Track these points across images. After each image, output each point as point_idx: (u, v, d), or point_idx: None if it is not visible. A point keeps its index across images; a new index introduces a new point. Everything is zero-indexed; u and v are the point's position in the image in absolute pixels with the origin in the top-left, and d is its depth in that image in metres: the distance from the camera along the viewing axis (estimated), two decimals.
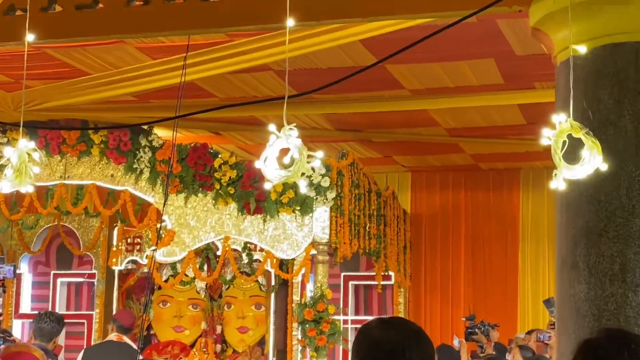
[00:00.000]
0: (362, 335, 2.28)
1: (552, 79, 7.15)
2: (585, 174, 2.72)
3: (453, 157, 10.58)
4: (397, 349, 2.16)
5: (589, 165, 2.65)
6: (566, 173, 2.69)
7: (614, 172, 3.44)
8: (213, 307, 9.72)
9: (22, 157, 3.19)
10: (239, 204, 8.03)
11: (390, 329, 2.24)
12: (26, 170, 3.18)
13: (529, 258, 10.77)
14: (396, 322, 2.31)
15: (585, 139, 2.71)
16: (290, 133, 2.76)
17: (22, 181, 3.22)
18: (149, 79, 7.14)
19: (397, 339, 2.20)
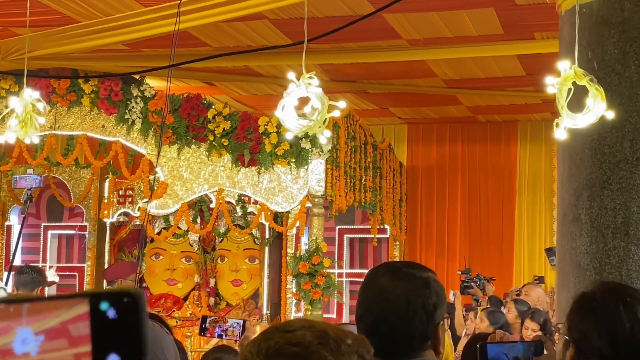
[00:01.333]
0: (369, 282, 2.11)
1: (553, 29, 7.03)
2: (587, 123, 2.61)
3: (450, 109, 10.44)
4: (402, 301, 2.03)
5: (592, 113, 2.52)
6: (568, 122, 2.57)
7: (618, 124, 3.33)
8: (206, 260, 9.66)
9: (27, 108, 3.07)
10: (233, 156, 7.92)
11: (398, 279, 2.09)
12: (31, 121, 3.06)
13: (526, 211, 10.71)
14: (406, 271, 2.13)
15: (589, 86, 2.59)
16: (310, 81, 2.62)
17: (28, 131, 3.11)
18: (141, 27, 6.95)
19: (404, 290, 2.04)
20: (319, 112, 2.61)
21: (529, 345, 2.16)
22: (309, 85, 2.62)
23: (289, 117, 2.61)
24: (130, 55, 8.08)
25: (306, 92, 2.61)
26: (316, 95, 2.63)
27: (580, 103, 2.62)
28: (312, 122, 2.61)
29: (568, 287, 3.58)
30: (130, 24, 6.96)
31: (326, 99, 2.64)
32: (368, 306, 2.06)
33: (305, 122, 2.62)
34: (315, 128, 2.63)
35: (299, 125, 2.62)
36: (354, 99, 9.85)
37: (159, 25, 6.79)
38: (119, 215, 9.65)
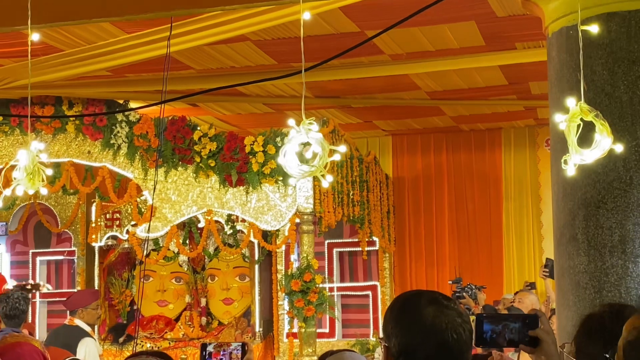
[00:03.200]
0: (412, 312, 2.08)
1: (534, 38, 7.12)
2: (595, 158, 2.65)
3: (434, 120, 10.50)
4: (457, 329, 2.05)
5: (599, 148, 2.58)
6: (577, 158, 2.61)
7: None
8: (196, 280, 9.67)
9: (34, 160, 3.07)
10: (221, 177, 7.92)
11: (445, 308, 2.08)
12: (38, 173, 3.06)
13: (513, 218, 10.77)
14: (446, 301, 2.13)
15: (596, 122, 2.64)
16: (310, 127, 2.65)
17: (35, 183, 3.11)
18: (124, 54, 6.94)
19: (454, 319, 2.06)
20: (320, 157, 2.64)
21: (523, 319, 2.17)
22: (309, 130, 2.65)
23: (291, 163, 2.64)
24: (114, 81, 8.07)
25: (307, 137, 2.64)
26: (317, 141, 2.66)
27: (586, 138, 2.67)
28: (314, 168, 2.64)
29: (568, 305, 3.63)
30: (114, 51, 6.95)
31: (327, 143, 2.67)
32: (422, 336, 2.03)
33: (307, 167, 2.65)
34: (317, 172, 2.67)
35: (301, 170, 2.65)
36: (338, 113, 9.89)
37: (142, 50, 6.78)
38: (107, 239, 9.64)
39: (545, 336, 2.15)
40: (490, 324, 2.19)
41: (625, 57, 3.59)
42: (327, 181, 2.78)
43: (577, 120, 2.65)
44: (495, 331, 2.18)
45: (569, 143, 2.69)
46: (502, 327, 2.19)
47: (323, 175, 2.71)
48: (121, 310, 9.82)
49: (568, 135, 2.66)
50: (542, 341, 2.15)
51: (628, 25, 3.59)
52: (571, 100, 2.71)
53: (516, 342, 2.20)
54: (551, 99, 3.82)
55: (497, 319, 2.22)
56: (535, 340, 2.16)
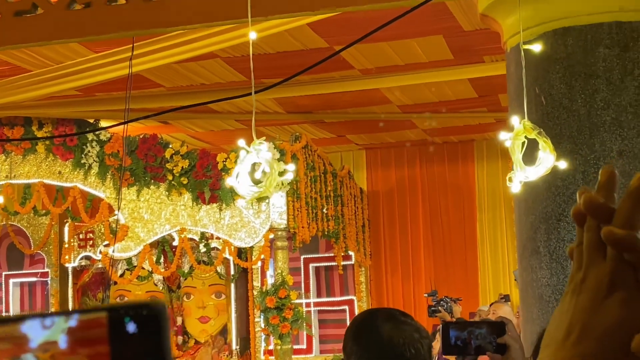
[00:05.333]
0: (369, 330, 2.13)
1: (501, 52, 7.12)
2: (539, 175, 2.66)
3: (406, 133, 10.54)
4: (410, 346, 2.06)
5: (543, 165, 2.59)
6: (521, 175, 2.62)
7: (569, 156, 3.39)
8: (172, 299, 9.59)
9: None
10: (193, 194, 7.90)
11: (401, 324, 2.12)
12: None
13: (487, 229, 10.81)
14: (404, 318, 2.17)
15: (539, 139, 2.65)
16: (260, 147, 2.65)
17: None
18: (93, 73, 6.93)
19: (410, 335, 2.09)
20: (268, 177, 2.63)
21: (489, 325, 2.16)
22: (259, 151, 2.65)
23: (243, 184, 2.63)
24: (83, 100, 8.04)
25: (257, 157, 2.64)
26: (266, 161, 2.65)
27: (532, 156, 2.68)
28: (262, 188, 2.64)
29: (532, 319, 3.63)
30: (82, 70, 6.94)
31: (276, 163, 2.67)
32: (375, 354, 2.06)
33: (256, 188, 2.65)
34: (266, 193, 2.66)
35: (251, 191, 2.65)
36: (310, 128, 9.89)
37: (111, 70, 6.77)
38: (80, 260, 9.55)
39: (513, 342, 2.15)
40: (456, 331, 2.19)
41: (582, 71, 3.61)
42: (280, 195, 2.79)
43: (521, 137, 2.66)
44: (461, 337, 2.18)
45: (514, 160, 2.71)
46: (467, 334, 2.19)
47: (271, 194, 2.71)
48: None
49: (513, 153, 2.67)
50: (510, 348, 2.15)
51: (584, 39, 3.62)
52: (515, 118, 2.72)
53: (483, 349, 2.20)
54: (511, 112, 3.84)
55: (462, 326, 2.22)
56: (502, 347, 2.16)
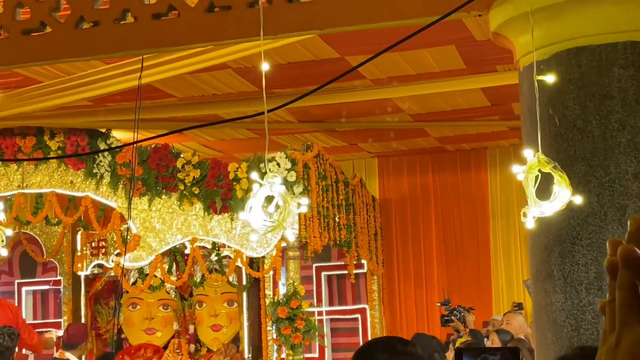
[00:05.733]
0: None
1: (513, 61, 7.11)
2: (554, 211, 2.61)
3: (419, 141, 10.49)
4: None
5: (558, 200, 2.54)
6: (536, 211, 2.58)
7: (583, 179, 3.34)
8: (184, 307, 9.57)
9: None
10: (205, 204, 7.88)
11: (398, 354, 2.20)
12: None
13: (500, 237, 10.74)
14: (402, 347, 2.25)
15: (554, 173, 2.60)
16: (274, 180, 2.62)
17: None
18: (104, 84, 6.93)
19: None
20: (281, 210, 2.61)
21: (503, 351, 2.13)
22: (273, 184, 2.62)
23: (256, 218, 2.60)
24: (95, 111, 8.04)
25: (270, 191, 2.61)
26: (279, 194, 2.62)
27: (547, 190, 2.63)
28: (275, 222, 2.61)
29: (546, 344, 3.58)
30: (94, 82, 6.94)
31: (289, 196, 2.64)
32: None
33: (270, 222, 2.62)
34: (279, 226, 2.63)
35: (264, 225, 2.62)
36: (322, 137, 9.87)
37: (122, 80, 6.77)
38: (93, 268, 9.55)
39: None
40: (470, 357, 2.16)
41: (597, 91, 3.56)
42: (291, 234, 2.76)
43: (535, 171, 2.62)
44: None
45: (528, 195, 2.66)
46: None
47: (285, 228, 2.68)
48: (108, 340, 9.72)
49: (526, 187, 2.63)
50: None
51: (598, 59, 3.57)
52: (529, 151, 2.67)
53: None
54: (524, 133, 3.80)
55: (476, 352, 2.19)
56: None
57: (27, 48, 4.16)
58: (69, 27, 4.08)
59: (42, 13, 4.13)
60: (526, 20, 3.43)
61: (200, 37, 4.01)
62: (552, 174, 2.62)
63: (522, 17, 3.55)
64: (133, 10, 4.09)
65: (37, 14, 4.14)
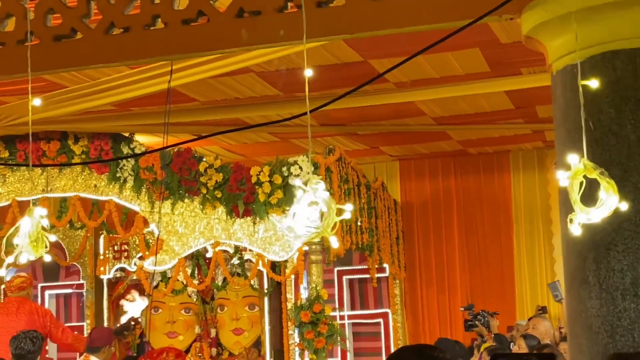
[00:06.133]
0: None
1: (539, 64, 7.06)
2: (601, 217, 2.58)
3: (441, 144, 10.46)
4: None
5: (605, 207, 2.51)
6: (582, 217, 2.55)
7: (619, 184, 3.30)
8: (206, 310, 9.59)
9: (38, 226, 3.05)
10: (227, 208, 7.88)
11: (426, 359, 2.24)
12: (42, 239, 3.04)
13: (524, 241, 10.68)
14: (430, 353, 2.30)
15: (600, 179, 2.57)
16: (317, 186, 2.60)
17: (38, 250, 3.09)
18: (128, 89, 6.95)
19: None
20: (326, 217, 2.59)
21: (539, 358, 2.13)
22: (316, 190, 2.61)
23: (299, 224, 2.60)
24: (119, 115, 8.07)
25: (314, 197, 2.60)
26: (323, 201, 2.61)
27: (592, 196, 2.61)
28: (320, 229, 2.60)
29: (581, 350, 3.55)
30: (118, 86, 6.96)
31: (334, 203, 2.62)
32: None
33: (314, 229, 2.61)
34: (324, 232, 2.62)
35: (309, 232, 2.61)
36: (344, 140, 9.85)
37: (146, 85, 6.79)
38: (115, 271, 9.59)
39: None
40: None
41: (632, 95, 3.53)
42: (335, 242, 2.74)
43: (580, 177, 2.59)
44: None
45: (573, 201, 2.63)
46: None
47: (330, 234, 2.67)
48: (131, 343, 9.75)
49: (571, 193, 2.59)
50: None
51: (633, 63, 3.53)
52: (574, 156, 2.64)
53: None
54: (557, 137, 3.76)
55: (511, 358, 2.19)
56: None
57: (57, 54, 4.17)
58: (100, 33, 4.09)
59: (72, 19, 4.14)
60: (560, 24, 3.40)
61: (229, 43, 4.00)
62: (598, 180, 2.59)
63: (556, 20, 3.52)
64: (163, 16, 4.09)
65: (68, 20, 4.15)
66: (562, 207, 3.62)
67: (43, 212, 3.18)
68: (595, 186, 2.66)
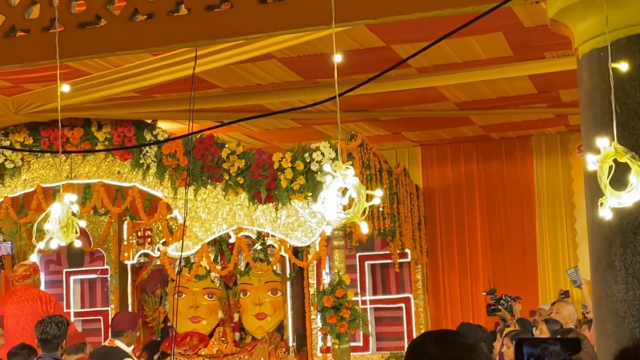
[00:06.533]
0: (418, 352, 2.27)
1: (563, 48, 7.01)
2: (633, 201, 2.57)
3: (463, 130, 10.41)
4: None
5: (637, 191, 2.49)
6: (613, 202, 2.53)
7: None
8: (229, 295, 9.65)
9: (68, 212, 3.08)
10: (250, 194, 7.90)
11: (448, 344, 2.23)
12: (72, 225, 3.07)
13: (547, 226, 10.63)
14: (452, 338, 2.30)
15: (632, 163, 2.55)
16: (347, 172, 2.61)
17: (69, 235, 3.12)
18: (151, 75, 6.98)
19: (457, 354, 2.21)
20: (356, 203, 2.60)
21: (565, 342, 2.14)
22: (346, 176, 2.61)
23: (330, 210, 2.60)
24: (142, 102, 8.10)
25: (343, 183, 2.60)
26: (353, 187, 2.62)
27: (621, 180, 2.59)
28: (350, 215, 2.61)
29: (607, 335, 3.55)
30: (141, 73, 6.99)
31: (363, 188, 2.63)
32: None
33: (344, 214, 2.62)
34: (354, 218, 2.63)
35: (339, 217, 2.62)
36: (365, 126, 9.84)
37: (171, 72, 6.82)
38: (139, 257, 9.67)
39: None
40: (530, 347, 2.18)
41: None
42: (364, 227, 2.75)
43: (609, 161, 2.57)
44: (534, 354, 2.17)
45: (603, 186, 2.61)
46: (541, 351, 2.17)
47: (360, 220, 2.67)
48: (155, 328, 9.84)
49: (601, 177, 2.58)
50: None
51: None
52: (604, 140, 2.63)
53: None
54: (583, 122, 3.74)
55: (536, 342, 2.20)
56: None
57: (82, 41, 4.20)
58: (124, 20, 4.11)
59: (97, 6, 4.16)
60: (587, 7, 3.37)
61: (253, 28, 4.01)
62: (629, 164, 2.58)
63: (583, 3, 3.50)
64: (186, 2, 4.10)
65: (92, 7, 4.17)
66: (587, 190, 3.61)
67: (73, 197, 3.21)
68: (625, 170, 2.65)
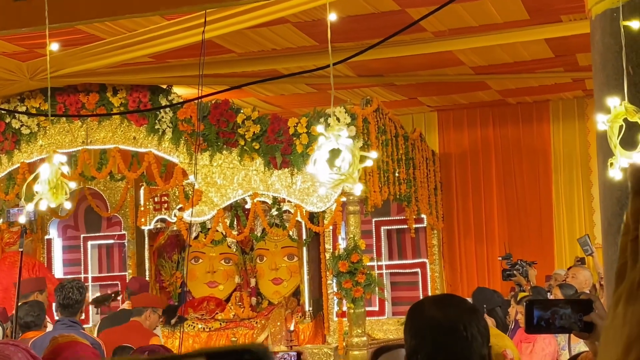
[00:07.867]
0: (417, 315, 2.23)
1: (579, 11, 6.92)
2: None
3: (480, 94, 10.34)
4: (457, 327, 2.10)
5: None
6: (624, 161, 2.51)
7: None
8: (245, 261, 9.71)
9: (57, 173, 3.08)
10: (265, 159, 7.90)
11: (447, 306, 2.19)
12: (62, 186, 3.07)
13: (563, 191, 10.58)
14: (450, 300, 2.26)
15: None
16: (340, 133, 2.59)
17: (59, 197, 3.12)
18: (165, 40, 6.96)
19: (456, 316, 2.15)
20: (350, 164, 2.58)
21: (574, 304, 2.09)
22: (339, 137, 2.59)
23: (322, 171, 2.58)
24: (156, 67, 8.09)
25: (336, 144, 2.58)
26: (347, 148, 2.60)
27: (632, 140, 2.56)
28: (344, 176, 2.59)
29: None
30: (155, 37, 6.97)
31: (357, 150, 2.61)
32: (422, 337, 2.13)
33: (337, 175, 2.60)
34: (347, 180, 2.61)
35: (331, 178, 2.60)
36: (381, 91, 9.79)
37: (183, 37, 6.79)
38: (156, 222, 9.72)
39: (600, 321, 2.07)
40: (540, 310, 2.15)
41: None
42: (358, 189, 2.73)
43: (620, 121, 2.54)
44: (544, 317, 2.14)
45: (613, 145, 2.58)
46: (550, 314, 2.13)
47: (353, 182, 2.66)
48: (172, 292, 9.93)
49: (611, 137, 2.55)
50: (597, 326, 2.07)
51: None
52: (614, 99, 2.60)
53: (567, 329, 2.14)
54: (596, 83, 3.70)
55: (546, 305, 2.16)
56: (589, 326, 2.08)
57: (91, 4, 4.19)
58: None
59: None
60: None
61: None
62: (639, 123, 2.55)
63: None
64: None
65: None
66: (599, 152, 3.57)
67: (62, 158, 3.21)
68: (635, 130, 2.62)
